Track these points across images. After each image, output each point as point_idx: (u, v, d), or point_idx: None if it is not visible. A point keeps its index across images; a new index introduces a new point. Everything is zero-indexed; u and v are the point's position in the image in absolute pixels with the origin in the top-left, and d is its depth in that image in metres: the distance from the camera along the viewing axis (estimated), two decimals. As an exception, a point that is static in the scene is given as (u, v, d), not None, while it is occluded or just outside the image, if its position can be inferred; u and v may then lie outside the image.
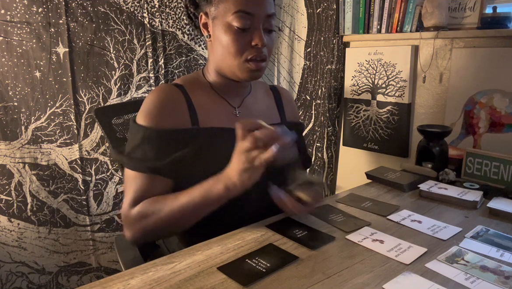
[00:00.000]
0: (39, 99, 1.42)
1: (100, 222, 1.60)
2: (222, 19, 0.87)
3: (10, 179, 1.44)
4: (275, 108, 1.09)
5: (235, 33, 0.87)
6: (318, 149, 2.14)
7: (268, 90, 1.12)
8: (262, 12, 0.87)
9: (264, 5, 0.88)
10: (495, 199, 1.04)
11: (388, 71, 1.85)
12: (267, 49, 0.91)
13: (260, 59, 0.89)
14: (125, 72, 1.56)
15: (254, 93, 1.05)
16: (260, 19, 0.87)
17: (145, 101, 0.91)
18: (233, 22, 0.86)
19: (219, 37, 0.89)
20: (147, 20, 1.57)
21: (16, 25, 1.35)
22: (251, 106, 1.02)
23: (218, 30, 0.89)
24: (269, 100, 1.09)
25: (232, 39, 0.87)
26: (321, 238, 0.84)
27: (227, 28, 0.87)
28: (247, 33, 0.87)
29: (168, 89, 0.93)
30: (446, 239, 0.84)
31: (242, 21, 0.86)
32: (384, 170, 1.27)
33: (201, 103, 0.94)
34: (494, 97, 1.53)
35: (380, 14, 1.83)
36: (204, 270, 0.72)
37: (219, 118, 0.95)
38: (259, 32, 0.87)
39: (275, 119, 1.06)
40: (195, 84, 0.97)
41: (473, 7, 1.59)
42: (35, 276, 1.53)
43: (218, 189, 0.79)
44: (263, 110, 1.05)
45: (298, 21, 2.01)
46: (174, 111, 0.90)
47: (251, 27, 0.87)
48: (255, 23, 0.87)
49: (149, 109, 0.89)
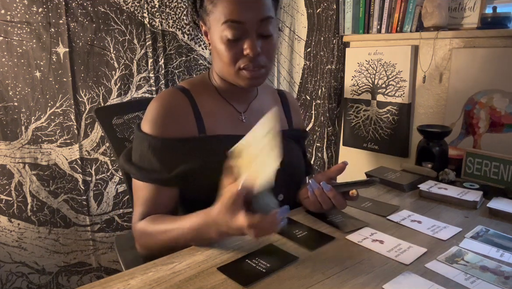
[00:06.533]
0: (39, 99, 1.43)
1: (100, 222, 1.60)
2: (214, 30, 0.86)
3: (10, 179, 1.44)
4: (283, 114, 1.07)
5: (227, 43, 0.84)
6: (318, 149, 2.14)
7: (276, 94, 1.11)
8: (254, 18, 0.84)
9: (256, 10, 0.84)
10: (495, 199, 1.04)
11: (388, 71, 1.85)
12: (266, 55, 0.87)
13: (256, 67, 0.86)
14: (125, 72, 1.56)
15: (260, 97, 1.03)
16: (252, 26, 0.84)
17: (149, 108, 0.90)
18: (224, 33, 0.84)
19: (215, 47, 0.88)
20: (147, 20, 1.57)
21: (16, 25, 1.35)
22: (258, 111, 1.00)
23: (214, 40, 0.88)
24: (277, 105, 1.07)
25: (224, 49, 0.85)
26: (321, 238, 0.84)
27: (220, 39, 0.85)
28: (240, 41, 0.85)
29: (173, 96, 0.92)
30: (446, 239, 0.84)
31: (232, 31, 0.83)
32: (384, 170, 1.27)
33: (207, 109, 0.93)
34: (494, 97, 1.53)
35: (380, 14, 1.83)
36: (204, 270, 0.72)
37: (225, 124, 0.93)
38: (250, 41, 0.84)
39: (282, 126, 1.04)
40: (202, 88, 0.96)
41: (473, 7, 1.59)
42: (35, 276, 1.53)
43: (211, 235, 0.76)
44: None
45: (298, 21, 2.01)
46: (180, 119, 0.89)
47: (243, 35, 0.84)
48: (247, 30, 0.84)
49: (153, 118, 0.88)
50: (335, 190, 0.86)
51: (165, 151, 0.86)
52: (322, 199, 0.87)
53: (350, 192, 0.87)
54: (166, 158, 0.86)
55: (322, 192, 0.87)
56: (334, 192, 0.86)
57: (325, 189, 0.86)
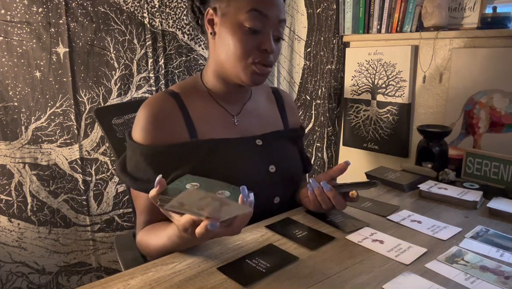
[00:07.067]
0: (39, 99, 1.43)
1: (100, 222, 1.60)
2: (232, 17, 0.84)
3: (10, 179, 1.44)
4: (278, 115, 1.06)
5: (245, 33, 0.83)
6: (318, 149, 2.14)
7: (270, 94, 1.09)
8: (276, 15, 0.84)
9: (278, 9, 0.85)
10: (495, 199, 1.04)
11: (388, 71, 1.85)
12: (274, 56, 0.88)
13: (266, 64, 0.86)
14: (125, 72, 1.56)
15: (254, 98, 1.02)
16: (272, 23, 0.84)
17: (139, 115, 0.88)
18: (245, 22, 0.83)
19: (226, 37, 0.85)
20: (147, 20, 1.57)
21: (16, 25, 1.35)
22: (251, 112, 0.99)
23: (225, 29, 0.85)
24: (271, 105, 1.06)
25: (240, 39, 0.83)
26: (321, 238, 0.84)
27: (236, 28, 0.83)
28: (256, 36, 0.84)
29: (161, 101, 0.89)
30: (446, 239, 0.84)
31: (254, 22, 0.82)
32: (384, 170, 1.27)
33: (198, 112, 0.91)
34: (494, 97, 1.53)
35: (380, 14, 1.83)
36: (204, 270, 0.72)
37: (216, 128, 0.92)
38: (269, 37, 0.84)
39: (278, 126, 1.04)
40: (192, 91, 0.94)
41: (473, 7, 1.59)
42: (35, 276, 1.53)
43: (182, 241, 0.73)
44: (264, 116, 1.02)
45: (298, 21, 2.01)
46: (170, 124, 0.87)
47: (261, 30, 0.84)
48: (266, 26, 0.84)
49: (143, 125, 0.86)
50: (335, 190, 0.86)
51: (158, 158, 0.85)
52: (321, 198, 0.87)
53: (350, 193, 0.87)
54: (160, 166, 0.85)
55: (322, 192, 0.87)
56: (334, 192, 0.86)
57: (325, 189, 0.86)
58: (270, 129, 1.00)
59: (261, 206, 0.92)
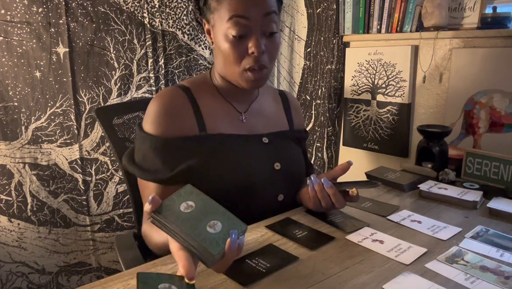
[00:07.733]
0: (39, 99, 1.43)
1: (100, 222, 1.60)
2: (219, 28, 0.86)
3: (10, 179, 1.44)
4: (284, 115, 1.07)
5: (232, 42, 0.84)
6: (318, 149, 2.14)
7: (277, 95, 1.10)
8: (258, 12, 0.83)
9: (260, 5, 0.83)
10: (495, 199, 1.04)
11: (388, 71, 1.85)
12: (269, 54, 0.87)
13: (259, 68, 0.86)
14: (125, 72, 1.56)
15: (261, 98, 1.03)
16: (257, 22, 0.83)
17: (150, 107, 0.90)
18: (229, 30, 0.83)
19: (219, 45, 0.87)
20: (147, 20, 1.57)
21: (16, 25, 1.35)
22: (258, 111, 1.00)
23: (218, 38, 0.87)
24: (277, 106, 1.08)
25: (229, 47, 0.84)
26: (321, 238, 0.84)
27: (225, 37, 0.85)
28: (244, 40, 0.84)
29: (173, 94, 0.91)
30: (446, 239, 0.84)
31: (237, 28, 0.83)
32: (384, 170, 1.27)
33: (207, 108, 0.93)
34: (494, 97, 1.53)
35: (380, 14, 1.83)
36: (204, 270, 0.72)
37: (225, 124, 0.93)
38: (255, 39, 0.84)
39: (283, 126, 1.05)
40: (202, 86, 0.96)
41: (473, 7, 1.59)
42: (35, 276, 1.53)
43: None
44: (270, 116, 1.03)
45: (298, 21, 2.01)
46: (180, 117, 0.89)
47: (248, 33, 0.84)
48: (252, 28, 0.84)
49: (154, 117, 0.88)
50: (335, 188, 0.86)
51: (167, 150, 0.87)
52: (321, 195, 0.87)
53: (350, 191, 0.87)
54: (168, 157, 0.86)
55: (322, 188, 0.87)
56: (334, 189, 0.86)
57: (326, 186, 0.86)
58: (276, 129, 1.02)
59: (264, 204, 0.93)
